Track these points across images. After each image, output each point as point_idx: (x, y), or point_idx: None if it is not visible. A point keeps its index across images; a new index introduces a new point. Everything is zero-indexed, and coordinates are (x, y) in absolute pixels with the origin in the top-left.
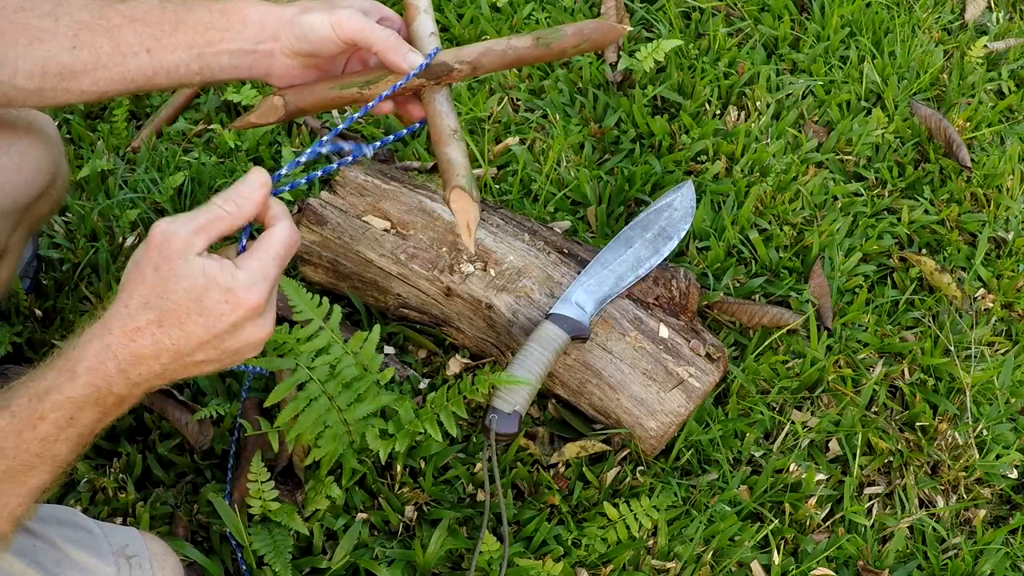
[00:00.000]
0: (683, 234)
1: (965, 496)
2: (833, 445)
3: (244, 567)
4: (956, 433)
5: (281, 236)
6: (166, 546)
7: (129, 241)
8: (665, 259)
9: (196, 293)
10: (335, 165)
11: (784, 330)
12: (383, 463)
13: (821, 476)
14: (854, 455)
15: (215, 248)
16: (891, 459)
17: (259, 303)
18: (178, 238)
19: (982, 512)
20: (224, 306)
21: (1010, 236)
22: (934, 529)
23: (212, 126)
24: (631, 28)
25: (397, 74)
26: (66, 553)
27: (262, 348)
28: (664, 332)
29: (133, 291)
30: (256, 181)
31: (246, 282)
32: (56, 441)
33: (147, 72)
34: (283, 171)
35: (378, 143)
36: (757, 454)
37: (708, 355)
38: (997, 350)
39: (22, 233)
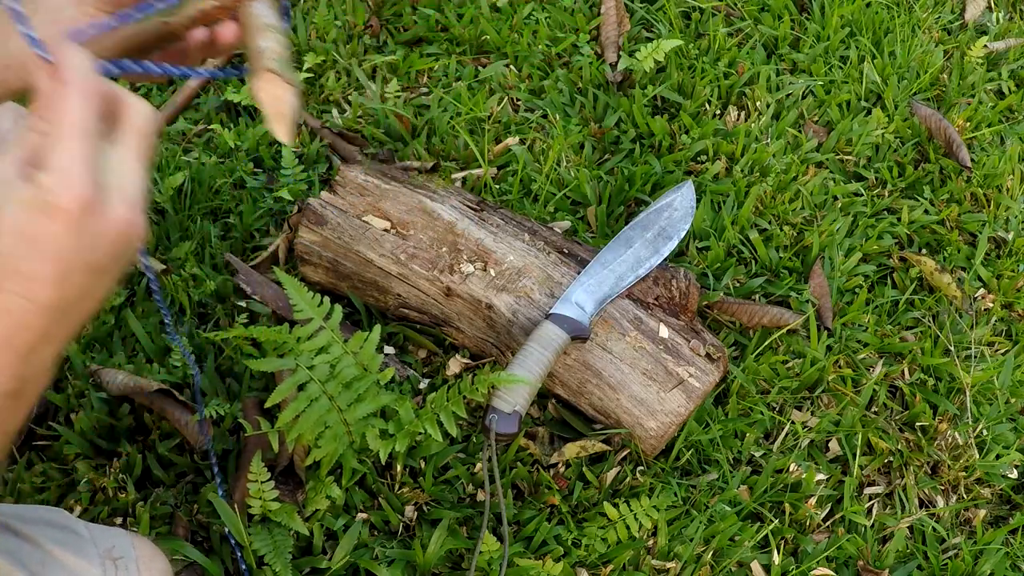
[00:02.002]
0: (683, 234)
1: (965, 496)
2: (833, 445)
3: (244, 567)
4: (956, 433)
5: (68, 105)
6: (155, 548)
7: None
8: (665, 259)
9: (12, 228)
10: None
11: (784, 330)
12: (383, 463)
13: (821, 476)
14: (854, 455)
15: None
16: (891, 459)
17: (85, 198)
18: None
19: (982, 512)
20: (49, 227)
21: (1010, 236)
22: (934, 529)
23: (212, 126)
24: None
25: None
26: (52, 554)
27: (141, 230)
28: (664, 332)
29: None
30: (50, 79)
31: (56, 183)
32: None
33: None
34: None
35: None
36: (757, 454)
37: (708, 355)
38: (997, 350)
39: None
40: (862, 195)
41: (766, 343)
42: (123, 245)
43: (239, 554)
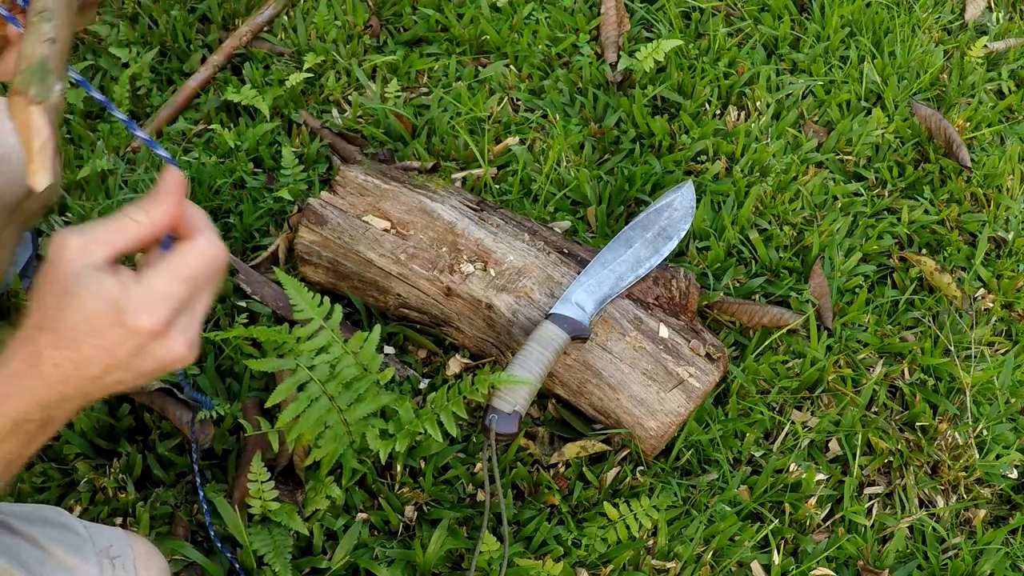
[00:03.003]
0: (683, 234)
1: (965, 496)
2: (833, 445)
3: (238, 566)
4: (956, 433)
5: (195, 252)
6: (152, 546)
7: None
8: (665, 259)
9: (87, 313)
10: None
11: (784, 330)
12: (383, 463)
13: (821, 476)
14: (854, 455)
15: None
16: (891, 459)
17: (155, 328)
18: (72, 249)
19: (982, 512)
20: (118, 330)
21: (1010, 236)
22: (934, 529)
23: (212, 126)
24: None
25: None
26: (49, 552)
27: (188, 363)
28: (664, 332)
29: (31, 313)
30: (170, 183)
31: (140, 303)
32: None
33: None
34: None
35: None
36: (757, 454)
37: (708, 355)
38: (997, 350)
39: (13, 230)
40: (862, 195)
41: (766, 343)
42: (168, 369)
43: (230, 554)
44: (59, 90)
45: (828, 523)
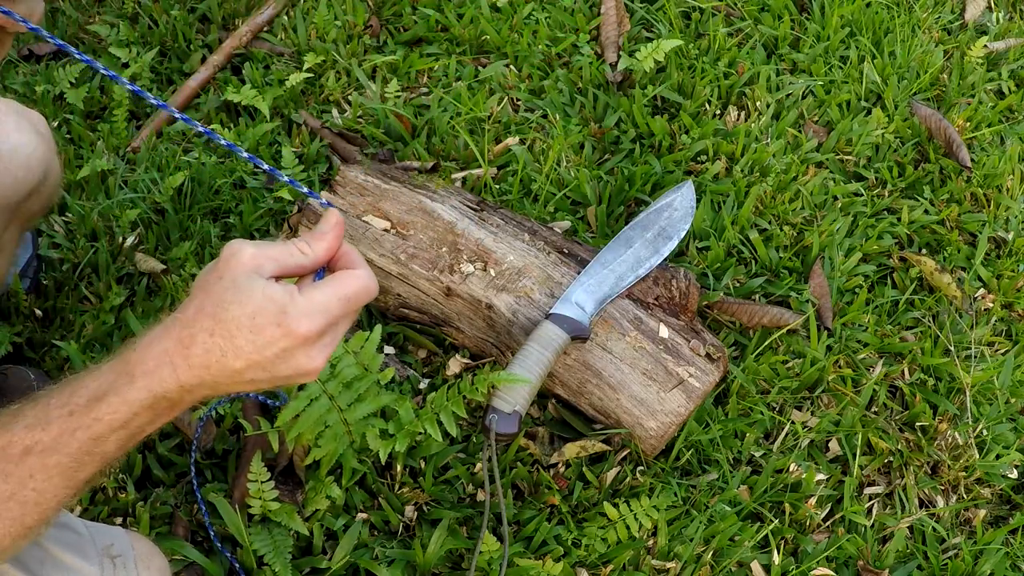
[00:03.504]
0: (683, 234)
1: (965, 496)
2: (833, 445)
3: (238, 566)
4: (956, 433)
5: (354, 278)
6: (153, 546)
7: (129, 241)
8: (665, 259)
9: (251, 309)
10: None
11: (784, 330)
12: (383, 463)
13: (821, 476)
14: (854, 455)
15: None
16: (891, 459)
17: (310, 333)
18: (247, 255)
19: (982, 512)
20: (275, 329)
21: (1010, 236)
22: (934, 529)
23: (212, 126)
24: None
25: None
26: (50, 552)
27: (315, 377)
28: (664, 332)
29: (193, 299)
30: (331, 222)
31: (303, 310)
32: (107, 440)
33: None
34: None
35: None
36: (757, 454)
37: (708, 355)
38: (997, 350)
39: (14, 231)
40: (862, 195)
41: (766, 343)
42: (303, 378)
43: (227, 553)
44: None
45: (828, 523)
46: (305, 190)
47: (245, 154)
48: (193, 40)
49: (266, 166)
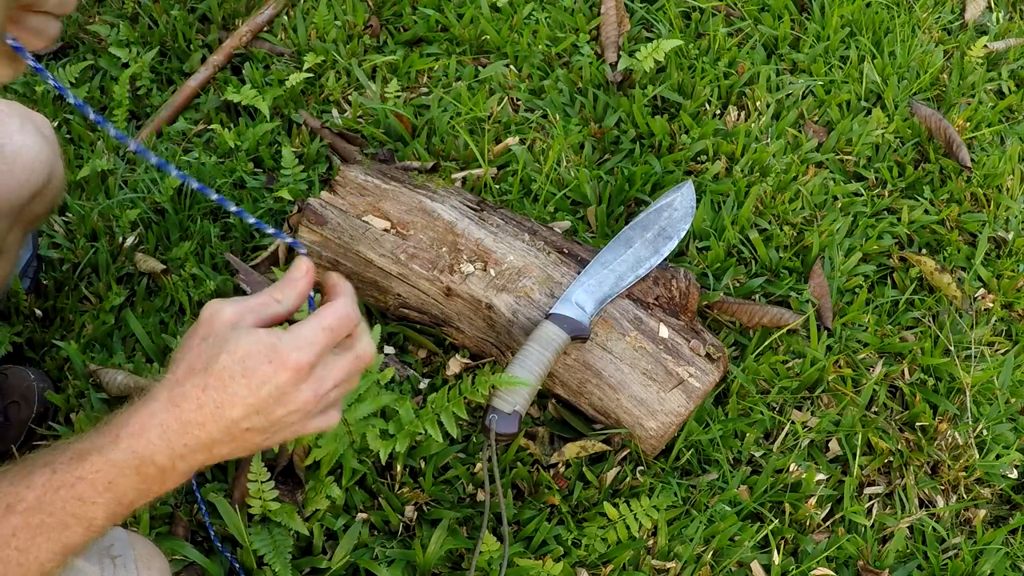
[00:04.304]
0: (683, 234)
1: (965, 496)
2: (833, 445)
3: (238, 566)
4: (956, 433)
5: (335, 309)
6: (154, 547)
7: (129, 241)
8: (665, 259)
9: (241, 354)
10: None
11: (784, 330)
12: (383, 463)
13: (821, 476)
14: (854, 455)
15: None
16: (891, 459)
17: (300, 365)
18: (227, 312)
19: (982, 512)
20: (268, 367)
21: (1010, 236)
22: (934, 529)
23: (212, 126)
24: None
25: None
26: None
27: (310, 427)
28: (664, 332)
29: (180, 361)
30: (300, 270)
31: (291, 343)
32: (93, 504)
33: None
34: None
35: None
36: (757, 454)
37: (708, 355)
38: (997, 350)
39: (18, 233)
40: (862, 195)
41: (766, 343)
42: (301, 421)
43: (227, 554)
44: None
45: (828, 523)
46: (287, 238)
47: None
48: (193, 40)
49: (218, 197)
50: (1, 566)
